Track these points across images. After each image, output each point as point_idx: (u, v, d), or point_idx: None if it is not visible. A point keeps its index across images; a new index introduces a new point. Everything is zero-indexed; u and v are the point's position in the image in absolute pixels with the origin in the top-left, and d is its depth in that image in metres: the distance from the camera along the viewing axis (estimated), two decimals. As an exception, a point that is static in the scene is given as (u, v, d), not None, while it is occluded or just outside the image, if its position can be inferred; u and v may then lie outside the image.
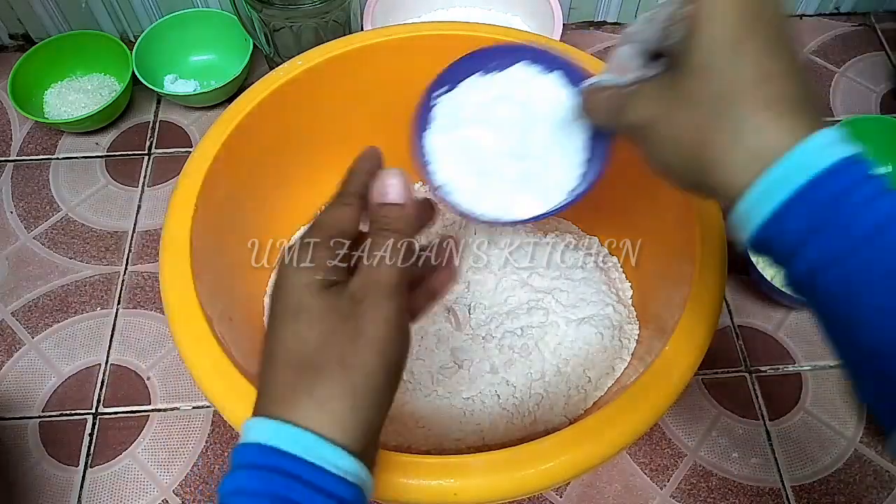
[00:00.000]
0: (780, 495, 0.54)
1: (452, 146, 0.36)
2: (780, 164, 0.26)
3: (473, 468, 0.34)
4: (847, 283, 0.26)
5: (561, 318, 0.51)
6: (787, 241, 0.27)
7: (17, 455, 0.56)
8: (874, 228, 0.25)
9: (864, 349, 0.27)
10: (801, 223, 0.26)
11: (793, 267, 0.27)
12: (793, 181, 0.26)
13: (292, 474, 0.26)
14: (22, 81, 0.71)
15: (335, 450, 0.27)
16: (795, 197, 0.26)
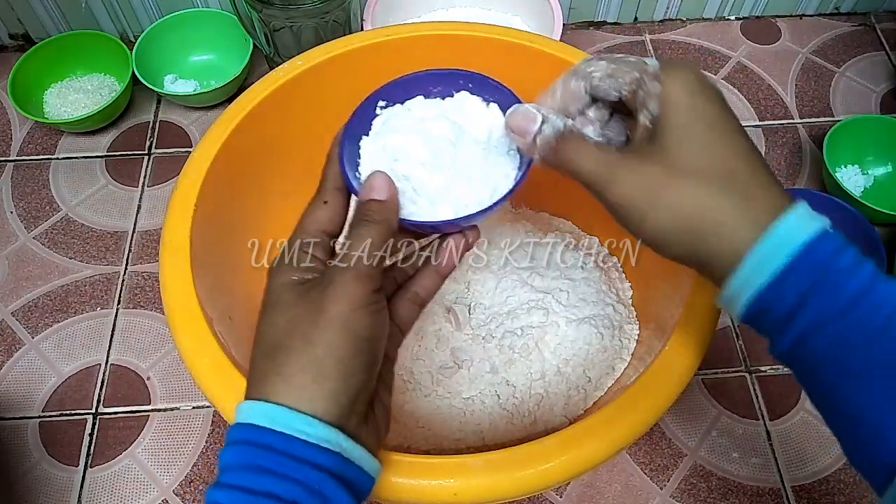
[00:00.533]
0: (780, 495, 0.54)
1: (384, 152, 0.36)
2: (773, 234, 0.28)
3: (473, 468, 0.34)
4: (834, 347, 0.28)
5: (561, 317, 0.51)
6: (784, 306, 0.28)
7: (17, 455, 0.56)
8: (858, 292, 0.27)
9: (845, 414, 0.28)
10: (799, 288, 0.27)
11: (786, 333, 0.29)
12: (786, 250, 0.27)
13: (265, 445, 0.28)
14: (22, 81, 0.71)
15: (303, 418, 0.28)
16: (791, 264, 0.27)
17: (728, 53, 0.81)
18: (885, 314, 0.27)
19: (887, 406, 0.27)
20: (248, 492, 0.27)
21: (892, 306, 0.27)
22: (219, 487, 0.28)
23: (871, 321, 0.27)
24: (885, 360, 0.27)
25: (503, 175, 0.35)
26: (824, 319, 0.27)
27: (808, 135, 0.74)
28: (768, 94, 0.77)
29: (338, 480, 0.28)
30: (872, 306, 0.27)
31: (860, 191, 0.69)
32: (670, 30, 0.82)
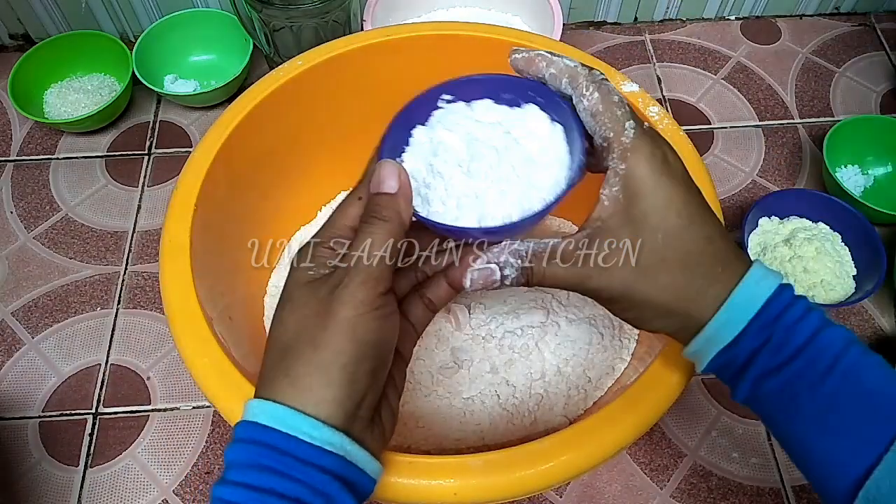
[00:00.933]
0: (780, 495, 0.54)
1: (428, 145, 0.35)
2: (728, 306, 0.32)
3: (473, 468, 0.34)
4: (782, 392, 0.31)
5: (561, 317, 0.51)
6: (738, 362, 0.32)
7: (17, 455, 0.56)
8: (803, 342, 0.31)
9: (798, 451, 0.32)
10: (752, 345, 0.31)
11: (742, 383, 0.32)
12: (740, 317, 0.31)
13: (269, 444, 0.28)
14: (22, 81, 0.71)
15: (309, 420, 0.28)
16: (744, 328, 0.31)
17: (728, 53, 0.81)
18: (828, 358, 0.30)
19: (831, 442, 0.30)
20: (252, 489, 0.28)
21: (835, 350, 0.31)
22: (224, 483, 0.28)
23: (815, 366, 0.31)
24: (829, 400, 0.30)
25: (539, 197, 0.34)
26: (771, 370, 0.31)
27: (808, 135, 0.74)
28: (768, 94, 0.77)
29: (341, 482, 0.29)
30: (816, 352, 0.31)
31: (860, 191, 0.69)
32: (670, 30, 0.82)
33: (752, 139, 0.74)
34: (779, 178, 0.71)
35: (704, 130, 0.75)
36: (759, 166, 0.72)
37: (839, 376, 0.30)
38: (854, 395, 0.30)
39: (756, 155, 0.73)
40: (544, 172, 0.35)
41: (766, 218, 0.65)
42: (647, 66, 0.79)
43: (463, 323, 0.51)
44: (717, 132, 0.75)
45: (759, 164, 0.72)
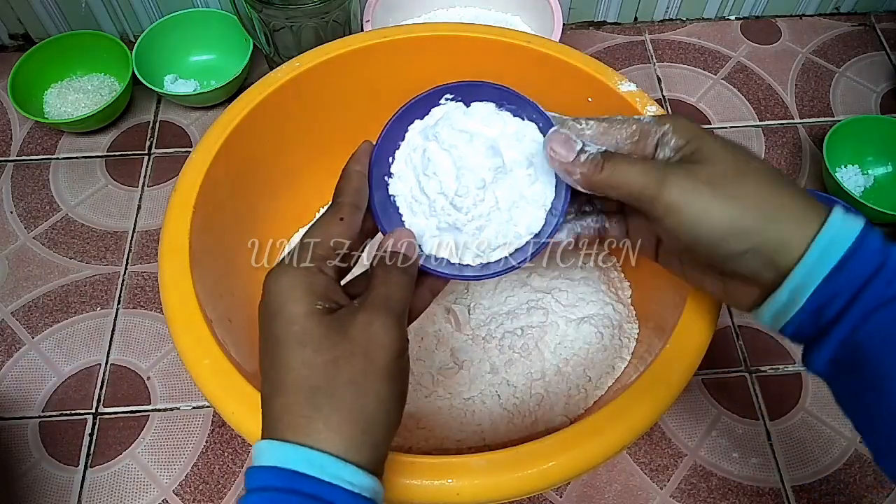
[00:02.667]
0: (780, 495, 0.54)
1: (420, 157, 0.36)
2: (832, 223, 0.29)
3: (475, 468, 0.34)
4: (890, 329, 0.28)
5: (561, 317, 0.51)
6: (848, 290, 0.29)
7: (17, 455, 0.56)
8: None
9: (887, 412, 0.28)
10: (865, 268, 0.28)
11: (844, 321, 0.29)
12: (850, 232, 0.29)
13: (310, 494, 0.27)
14: (22, 81, 0.71)
15: (350, 468, 0.27)
16: (855, 244, 0.28)
17: (728, 53, 0.81)
18: None
19: None
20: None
21: None
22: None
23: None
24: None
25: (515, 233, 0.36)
26: (886, 299, 0.28)
27: (808, 135, 0.74)
28: (768, 94, 0.77)
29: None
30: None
31: (860, 191, 0.69)
32: (670, 30, 0.82)
33: (752, 139, 0.74)
34: (779, 178, 0.71)
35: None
36: (759, 166, 0.72)
37: None
38: None
39: (756, 155, 0.73)
40: (526, 211, 0.36)
41: (766, 218, 0.65)
42: (647, 66, 0.79)
43: (463, 323, 0.51)
44: (717, 132, 0.75)
45: (759, 164, 0.72)
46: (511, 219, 0.36)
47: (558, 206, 0.36)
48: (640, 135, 0.33)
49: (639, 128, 0.33)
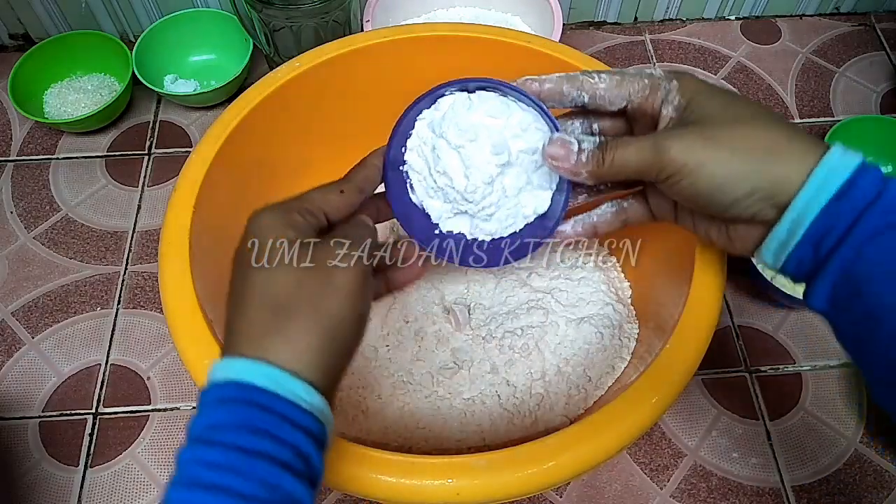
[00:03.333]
0: (780, 495, 0.54)
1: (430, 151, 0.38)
2: (831, 155, 0.30)
3: (475, 468, 0.34)
4: (890, 253, 0.29)
5: (561, 317, 0.51)
6: (847, 217, 0.29)
7: (17, 455, 0.56)
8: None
9: (885, 341, 0.29)
10: (864, 198, 0.29)
11: (842, 249, 0.30)
12: (849, 162, 0.29)
13: (266, 406, 0.28)
14: (22, 81, 0.71)
15: (304, 385, 0.29)
16: (854, 173, 0.29)
17: (728, 53, 0.81)
18: None
19: None
20: (243, 451, 0.27)
21: None
22: (211, 446, 0.27)
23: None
24: None
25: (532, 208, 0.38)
26: (882, 228, 0.29)
27: (808, 135, 0.74)
28: (768, 94, 0.77)
29: (318, 444, 0.29)
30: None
31: (860, 191, 0.69)
32: (670, 30, 0.82)
33: (752, 139, 0.74)
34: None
35: (704, 130, 0.75)
36: (759, 166, 0.72)
37: None
38: None
39: (756, 155, 0.73)
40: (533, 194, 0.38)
41: (766, 218, 0.65)
42: (647, 67, 0.79)
43: (463, 323, 0.51)
44: (717, 132, 0.75)
45: (759, 164, 0.72)
46: (519, 202, 0.38)
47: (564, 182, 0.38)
48: (650, 88, 0.34)
49: (650, 82, 0.35)
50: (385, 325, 0.51)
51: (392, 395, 0.49)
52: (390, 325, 0.51)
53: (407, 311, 0.52)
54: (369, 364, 0.49)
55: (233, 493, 0.26)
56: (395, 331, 0.51)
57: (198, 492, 0.26)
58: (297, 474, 0.28)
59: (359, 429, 0.48)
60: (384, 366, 0.50)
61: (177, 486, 0.27)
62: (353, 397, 0.49)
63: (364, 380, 0.49)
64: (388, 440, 0.47)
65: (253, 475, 0.27)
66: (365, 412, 0.48)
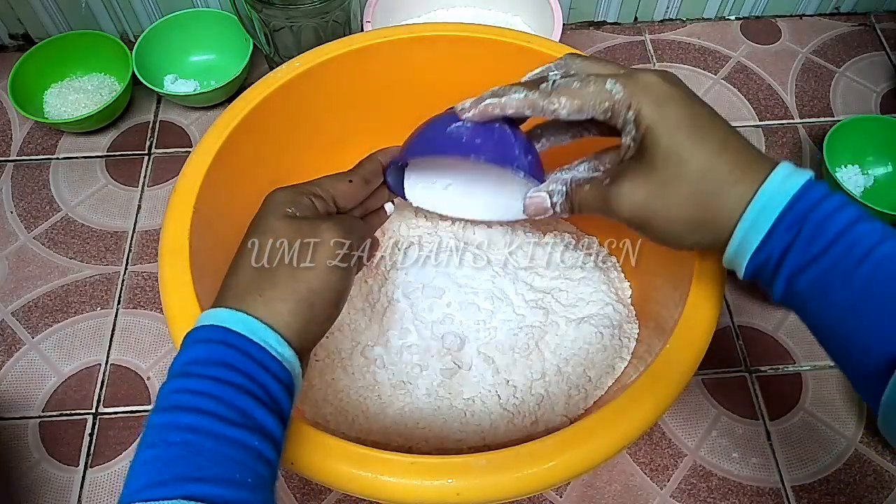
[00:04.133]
0: (780, 495, 0.55)
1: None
2: (758, 200, 0.32)
3: (476, 468, 0.34)
4: (817, 283, 0.32)
5: (561, 317, 0.51)
6: (775, 257, 0.33)
7: (17, 455, 0.56)
8: (836, 234, 0.31)
9: (838, 338, 0.33)
10: (786, 239, 0.32)
11: (778, 279, 0.33)
12: (772, 210, 0.32)
13: (240, 348, 0.31)
14: (22, 81, 0.71)
15: (275, 336, 0.32)
16: (777, 220, 0.32)
17: (728, 53, 0.81)
18: (862, 248, 0.31)
19: (865, 327, 0.31)
20: (219, 381, 0.30)
21: (871, 241, 0.31)
22: (190, 377, 0.30)
23: (849, 256, 0.31)
24: (863, 287, 0.31)
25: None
26: (804, 264, 0.32)
27: (807, 135, 0.74)
28: (768, 94, 0.77)
29: (287, 392, 0.32)
30: (849, 243, 0.31)
31: (860, 191, 0.69)
32: (670, 30, 0.83)
33: (752, 139, 0.74)
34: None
35: (704, 130, 0.75)
36: (759, 166, 0.72)
37: (873, 265, 0.30)
38: (889, 280, 0.30)
39: (756, 155, 0.73)
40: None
41: (766, 218, 0.65)
42: (648, 66, 0.79)
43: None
44: (717, 132, 0.75)
45: (759, 164, 0.72)
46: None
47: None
48: (611, 112, 0.36)
49: (609, 105, 0.36)
50: (384, 324, 0.51)
51: (392, 396, 0.48)
52: (390, 325, 0.51)
53: (407, 310, 0.52)
54: (370, 364, 0.49)
55: (210, 414, 0.29)
56: (395, 330, 0.51)
57: (177, 414, 0.29)
58: (268, 409, 0.30)
59: (359, 429, 0.48)
60: (384, 366, 0.50)
61: (158, 411, 0.30)
62: (353, 398, 0.49)
63: (364, 380, 0.49)
64: (389, 440, 0.47)
65: (229, 402, 0.29)
66: (365, 412, 0.48)
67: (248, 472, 0.29)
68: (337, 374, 0.49)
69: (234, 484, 0.28)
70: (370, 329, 0.51)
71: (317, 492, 0.54)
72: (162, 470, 0.28)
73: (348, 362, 0.50)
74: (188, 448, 0.28)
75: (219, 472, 0.28)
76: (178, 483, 0.27)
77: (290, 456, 0.35)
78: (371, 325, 0.51)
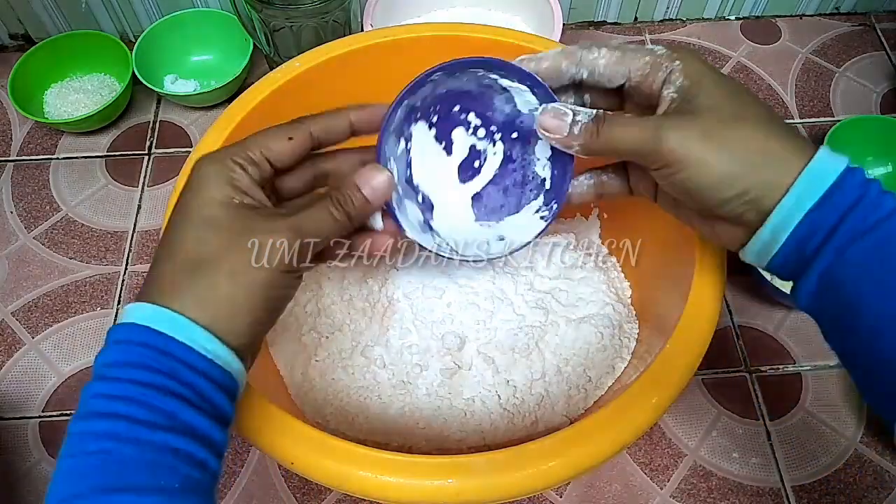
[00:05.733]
0: (780, 495, 0.55)
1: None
2: (818, 158, 0.31)
3: (476, 468, 0.34)
4: (869, 258, 0.29)
5: (561, 317, 0.51)
6: (830, 219, 0.30)
7: (17, 455, 0.56)
8: (891, 210, 0.29)
9: (864, 335, 0.30)
10: (844, 202, 0.30)
11: (823, 254, 0.30)
12: (835, 167, 0.30)
13: (161, 349, 0.28)
14: (22, 81, 0.71)
15: (206, 335, 0.29)
16: (836, 183, 0.30)
17: (728, 53, 0.81)
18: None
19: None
20: (137, 383, 0.28)
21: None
22: (106, 381, 0.28)
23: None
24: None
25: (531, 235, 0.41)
26: (862, 231, 0.29)
27: (808, 135, 0.74)
28: (768, 94, 0.77)
29: (223, 391, 0.30)
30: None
31: (860, 191, 0.69)
32: (670, 30, 0.82)
33: (752, 139, 0.74)
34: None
35: (704, 130, 0.75)
36: (759, 166, 0.72)
37: None
38: None
39: (756, 155, 0.73)
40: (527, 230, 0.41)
41: (766, 218, 0.65)
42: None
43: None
44: (717, 132, 0.75)
45: (759, 164, 0.72)
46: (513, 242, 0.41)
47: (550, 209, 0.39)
48: (651, 67, 0.34)
49: (651, 59, 0.34)
50: (385, 324, 0.51)
51: (392, 396, 0.49)
52: (390, 325, 0.51)
53: (407, 311, 0.52)
54: (370, 364, 0.49)
55: (128, 418, 0.27)
56: (395, 330, 0.51)
57: (94, 420, 0.27)
58: (196, 408, 0.28)
59: (359, 429, 0.48)
60: (384, 366, 0.50)
61: (76, 419, 0.28)
62: (353, 398, 0.49)
63: (364, 380, 0.49)
64: (389, 440, 0.47)
65: (147, 404, 0.27)
66: (365, 412, 0.48)
67: (174, 477, 0.27)
68: (337, 374, 0.49)
69: (158, 490, 0.27)
70: (370, 329, 0.51)
71: (317, 492, 0.54)
72: (79, 481, 0.26)
73: (348, 362, 0.50)
74: (106, 456, 0.27)
75: (140, 480, 0.27)
76: (96, 494, 0.26)
77: (290, 456, 0.35)
78: (371, 325, 0.51)
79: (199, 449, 0.28)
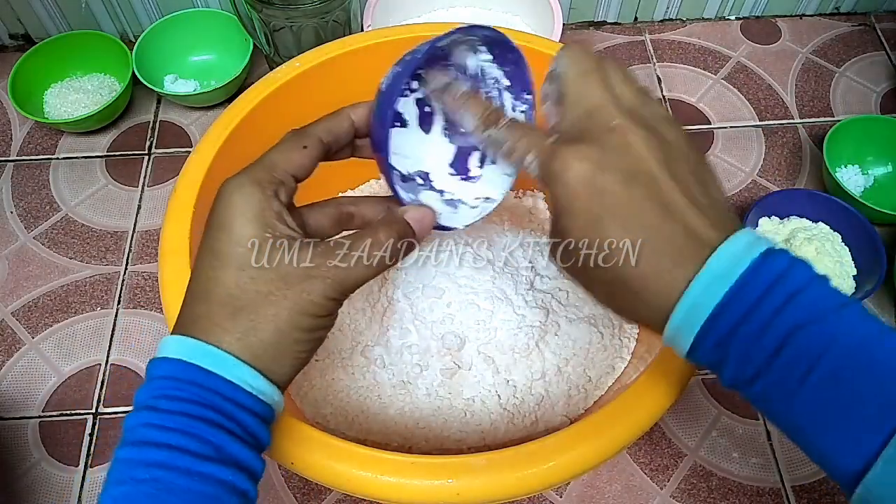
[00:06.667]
0: (780, 495, 0.54)
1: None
2: (707, 270, 0.28)
3: (476, 468, 0.34)
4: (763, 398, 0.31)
5: (561, 317, 0.51)
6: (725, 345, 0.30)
7: (17, 455, 0.56)
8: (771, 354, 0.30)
9: (794, 431, 0.33)
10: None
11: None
12: (723, 284, 0.28)
13: (210, 388, 0.29)
14: (22, 81, 0.71)
15: (250, 370, 0.30)
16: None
17: (728, 53, 0.81)
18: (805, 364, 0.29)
19: (824, 426, 0.30)
20: (189, 416, 0.28)
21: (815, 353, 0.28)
22: (158, 412, 0.28)
23: (792, 374, 0.29)
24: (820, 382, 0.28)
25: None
26: (745, 380, 0.31)
27: (808, 135, 0.74)
28: (768, 94, 0.77)
29: (265, 423, 0.31)
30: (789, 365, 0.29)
31: (860, 191, 0.69)
32: (670, 30, 0.82)
33: (752, 139, 0.74)
34: (779, 178, 0.71)
35: (704, 130, 0.75)
36: (759, 166, 0.72)
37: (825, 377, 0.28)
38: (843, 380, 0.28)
39: (756, 155, 0.73)
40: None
41: (766, 218, 0.65)
42: (648, 66, 0.79)
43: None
44: (717, 132, 0.75)
45: (759, 164, 0.72)
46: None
47: None
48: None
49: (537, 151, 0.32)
50: (384, 324, 0.51)
51: (392, 396, 0.49)
52: (390, 325, 0.51)
53: (407, 310, 0.52)
54: (370, 364, 0.49)
55: (179, 449, 0.28)
56: (395, 330, 0.51)
57: (145, 449, 0.28)
58: (244, 442, 0.29)
59: (359, 429, 0.48)
60: (384, 366, 0.50)
61: (125, 446, 0.28)
62: (353, 398, 0.49)
63: (364, 380, 0.49)
64: (389, 440, 0.47)
65: (199, 437, 0.28)
66: (365, 412, 0.48)
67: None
68: (337, 374, 0.50)
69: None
70: (370, 329, 0.51)
71: (317, 492, 0.54)
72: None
73: (348, 362, 0.50)
74: (157, 485, 0.27)
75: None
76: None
77: (290, 456, 0.35)
78: (371, 325, 0.51)
79: (243, 480, 0.29)
